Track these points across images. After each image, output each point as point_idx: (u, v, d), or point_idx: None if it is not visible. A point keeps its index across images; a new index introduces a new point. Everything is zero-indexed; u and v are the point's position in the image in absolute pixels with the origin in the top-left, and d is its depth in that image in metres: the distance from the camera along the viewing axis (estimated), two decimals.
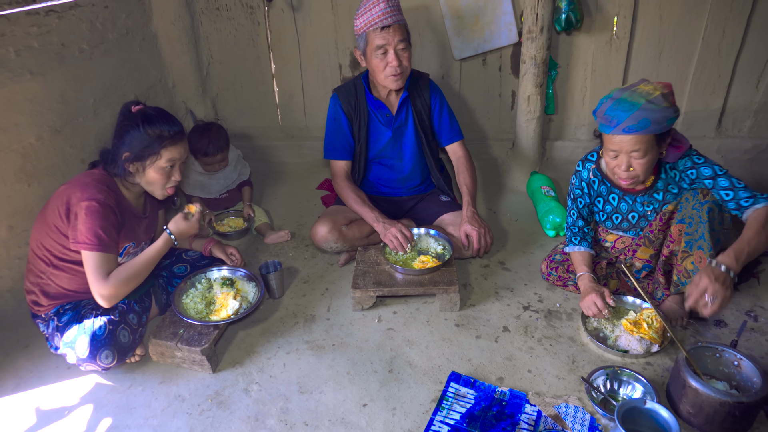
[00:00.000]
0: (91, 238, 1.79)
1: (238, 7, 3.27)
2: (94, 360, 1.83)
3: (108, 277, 1.83)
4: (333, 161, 2.61)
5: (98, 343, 1.83)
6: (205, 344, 1.91)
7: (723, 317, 2.15)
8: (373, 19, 2.25)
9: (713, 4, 2.92)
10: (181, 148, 1.96)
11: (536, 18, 2.85)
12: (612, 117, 1.85)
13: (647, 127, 1.81)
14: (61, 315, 1.93)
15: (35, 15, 2.26)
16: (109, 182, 1.91)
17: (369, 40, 2.30)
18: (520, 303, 2.29)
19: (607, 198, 2.20)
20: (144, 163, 1.89)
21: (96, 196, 1.81)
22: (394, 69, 2.34)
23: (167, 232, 1.98)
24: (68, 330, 1.88)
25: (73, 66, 2.49)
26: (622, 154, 1.91)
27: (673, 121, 1.84)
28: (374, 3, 2.25)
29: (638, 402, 1.56)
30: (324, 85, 3.48)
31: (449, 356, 2.01)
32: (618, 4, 2.98)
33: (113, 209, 1.85)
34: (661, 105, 1.80)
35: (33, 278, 1.95)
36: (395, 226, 2.39)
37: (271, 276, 2.29)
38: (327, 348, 2.07)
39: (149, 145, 1.87)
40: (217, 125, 2.94)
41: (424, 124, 2.61)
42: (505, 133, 3.51)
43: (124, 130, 1.88)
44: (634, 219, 2.17)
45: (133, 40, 2.98)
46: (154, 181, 1.94)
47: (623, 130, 1.83)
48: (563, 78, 3.26)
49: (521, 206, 3.11)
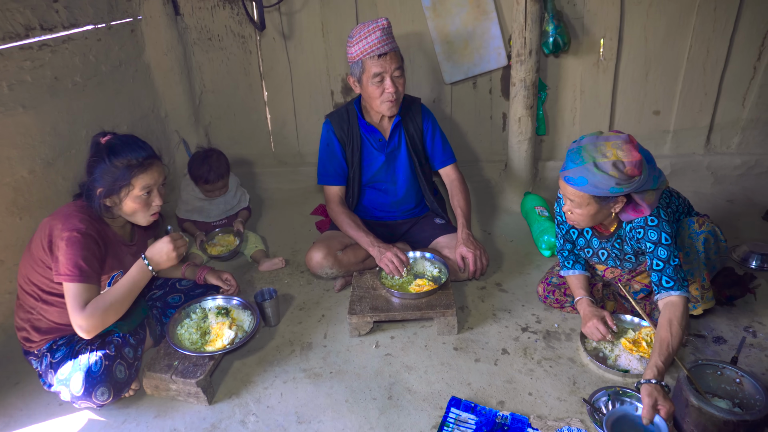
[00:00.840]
0: (71, 269, 1.74)
1: (230, 37, 3.31)
2: (89, 397, 1.79)
3: (85, 307, 1.77)
4: (326, 186, 2.62)
5: (93, 379, 1.79)
6: (200, 376, 1.87)
7: (722, 333, 2.14)
8: (369, 47, 2.28)
9: (697, 25, 2.99)
10: (155, 173, 1.89)
11: (524, 41, 2.90)
12: (565, 161, 1.84)
13: (583, 185, 1.76)
14: (54, 351, 1.89)
15: (28, 49, 2.28)
16: (91, 212, 1.86)
17: (365, 67, 2.33)
18: (519, 324, 2.28)
19: (582, 231, 2.17)
20: (119, 195, 1.83)
21: (77, 226, 1.77)
22: (390, 95, 2.37)
23: (143, 258, 1.89)
24: (62, 366, 1.84)
25: (66, 99, 2.50)
26: (566, 198, 1.90)
27: (617, 191, 1.75)
28: (370, 31, 2.28)
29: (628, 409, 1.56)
30: (316, 111, 3.51)
31: (449, 381, 1.98)
32: (604, 26, 3.05)
33: (95, 239, 1.80)
34: (606, 172, 1.71)
35: (23, 314, 1.91)
36: (390, 251, 2.38)
37: (267, 304, 2.27)
38: (324, 376, 2.04)
39: (119, 177, 1.80)
40: (217, 152, 2.96)
41: (417, 148, 2.63)
42: (497, 154, 3.54)
43: (94, 164, 1.82)
44: (604, 256, 2.13)
45: (126, 71, 3.00)
46: (134, 210, 1.88)
47: (564, 178, 1.83)
48: (553, 99, 3.30)
49: (516, 227, 3.12)
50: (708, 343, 2.10)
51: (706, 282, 1.90)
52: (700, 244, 1.90)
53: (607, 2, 2.99)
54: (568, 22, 3.03)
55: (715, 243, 1.93)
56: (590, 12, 3.02)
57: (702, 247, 1.89)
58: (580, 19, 3.05)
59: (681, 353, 2.05)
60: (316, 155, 3.57)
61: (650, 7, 2.98)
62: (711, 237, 1.92)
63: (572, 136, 3.40)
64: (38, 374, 1.95)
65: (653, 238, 1.87)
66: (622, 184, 1.72)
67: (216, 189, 2.92)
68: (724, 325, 2.19)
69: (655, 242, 1.86)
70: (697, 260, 1.90)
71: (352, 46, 2.34)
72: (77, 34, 2.59)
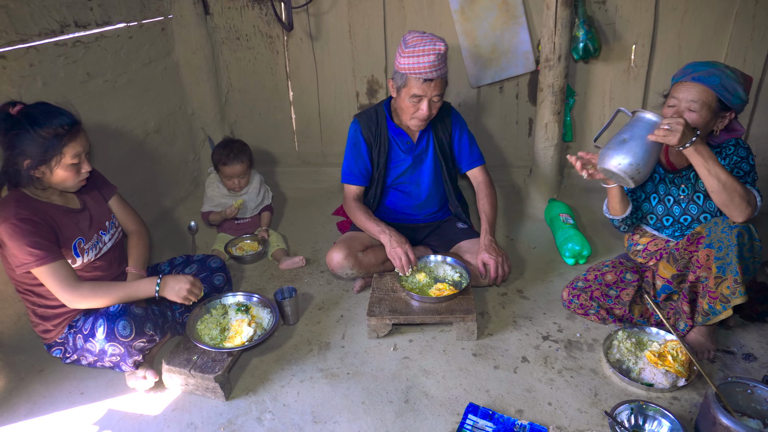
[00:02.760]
0: (26, 257, 1.75)
1: (258, 37, 3.34)
2: (113, 335, 1.81)
3: (79, 284, 1.82)
4: (347, 185, 2.61)
5: (112, 316, 1.83)
6: (218, 371, 1.88)
7: (752, 350, 2.07)
8: (419, 68, 2.22)
9: (733, 33, 2.91)
10: (83, 139, 1.84)
11: (554, 47, 2.86)
12: (687, 68, 1.96)
13: (715, 84, 1.86)
14: (74, 325, 1.95)
15: (62, 46, 2.33)
16: (17, 197, 1.80)
17: (408, 84, 2.29)
18: (539, 332, 2.24)
19: (651, 174, 2.19)
20: (49, 165, 1.77)
21: (5, 217, 1.74)
22: (422, 116, 2.36)
23: (158, 279, 1.94)
24: (85, 327, 1.89)
25: (97, 95, 2.55)
26: (680, 103, 1.92)
27: (738, 102, 1.89)
28: (424, 52, 2.21)
29: None
30: (341, 112, 3.51)
31: (467, 387, 1.95)
32: (636, 32, 2.99)
33: (30, 220, 1.76)
34: (736, 77, 1.88)
35: (31, 311, 1.96)
36: (402, 246, 2.34)
37: (286, 302, 2.28)
38: (341, 376, 2.03)
39: (49, 147, 1.74)
40: (242, 142, 3.04)
41: (444, 152, 2.61)
42: (522, 159, 3.50)
43: (14, 138, 1.73)
44: (670, 202, 2.15)
45: (155, 69, 3.05)
46: (64, 179, 1.83)
47: (692, 78, 1.90)
48: (581, 105, 3.25)
49: (539, 233, 3.07)
50: (737, 359, 2.03)
51: (739, 276, 1.82)
52: (733, 237, 1.83)
53: (641, 8, 2.93)
54: (599, 28, 2.97)
55: (749, 240, 1.85)
56: (622, 18, 2.97)
57: (736, 241, 1.82)
58: (612, 24, 2.99)
59: (709, 369, 1.99)
60: (339, 156, 3.59)
61: (685, 14, 2.91)
62: (745, 233, 1.84)
63: None
64: (63, 358, 2.00)
65: (742, 155, 1.99)
66: (743, 94, 1.89)
67: (234, 175, 2.95)
68: (754, 341, 2.12)
69: (743, 157, 1.98)
70: (731, 254, 1.84)
71: (403, 56, 2.26)
72: (110, 31, 2.64)
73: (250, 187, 3.06)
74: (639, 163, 1.78)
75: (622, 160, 1.79)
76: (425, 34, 2.27)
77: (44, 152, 1.74)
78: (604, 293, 2.25)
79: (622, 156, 1.79)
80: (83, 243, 1.95)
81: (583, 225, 3.09)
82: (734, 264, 1.84)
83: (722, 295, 1.90)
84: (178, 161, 3.36)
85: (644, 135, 1.78)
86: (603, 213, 2.31)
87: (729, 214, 1.87)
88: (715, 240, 1.91)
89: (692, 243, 2.02)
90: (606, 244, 2.91)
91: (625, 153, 1.79)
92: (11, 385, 1.99)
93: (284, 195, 3.66)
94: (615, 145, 1.83)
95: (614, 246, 2.88)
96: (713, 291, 1.92)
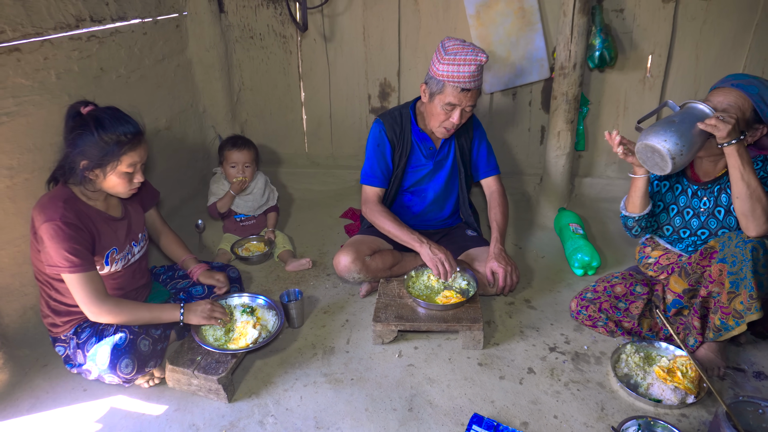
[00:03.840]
0: (61, 261, 1.75)
1: (272, 36, 3.33)
2: (114, 370, 1.81)
3: (106, 300, 1.82)
4: (367, 186, 2.55)
5: (118, 351, 1.82)
6: (222, 373, 1.87)
7: (763, 369, 2.03)
8: (458, 77, 2.19)
9: (753, 44, 2.87)
10: (142, 150, 1.87)
11: (569, 54, 2.83)
12: (728, 77, 1.96)
13: (753, 93, 1.85)
14: (80, 333, 1.93)
15: (77, 40, 2.33)
16: (66, 196, 1.82)
17: (444, 91, 2.25)
18: (546, 344, 2.21)
19: (673, 184, 2.18)
20: (104, 169, 1.80)
21: (51, 216, 1.75)
22: (452, 125, 2.34)
23: (182, 309, 1.97)
24: (89, 344, 1.88)
25: (110, 90, 2.55)
26: (716, 107, 1.90)
27: None
28: (466, 61, 2.17)
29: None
30: (352, 114, 3.50)
31: (471, 397, 1.93)
32: (653, 42, 2.96)
33: (76, 225, 1.78)
34: None
35: (44, 301, 1.96)
36: (444, 252, 2.31)
37: (292, 305, 2.26)
38: (345, 382, 2.01)
39: (108, 153, 1.77)
40: (248, 138, 3.07)
41: (465, 158, 2.60)
42: (533, 167, 3.47)
43: (78, 137, 1.77)
44: (688, 215, 2.12)
45: (168, 65, 3.06)
46: (116, 185, 1.86)
47: (731, 84, 1.90)
48: (594, 115, 3.22)
49: (548, 243, 3.04)
50: (748, 377, 2.00)
51: (754, 291, 1.79)
52: (747, 252, 1.80)
53: (659, 18, 2.90)
54: (616, 36, 2.95)
55: (764, 255, 1.82)
56: (640, 27, 2.94)
57: (750, 255, 1.80)
58: (629, 33, 2.96)
59: (719, 387, 1.95)
60: (349, 158, 3.60)
61: (704, 24, 2.88)
62: (760, 247, 1.82)
63: (612, 154, 3.30)
64: (64, 359, 1.98)
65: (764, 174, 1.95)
66: None
67: (242, 162, 2.93)
68: (766, 360, 2.09)
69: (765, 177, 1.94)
70: (745, 269, 1.81)
71: (441, 62, 2.23)
72: (125, 27, 2.64)
73: (256, 186, 3.05)
74: (684, 145, 1.78)
75: (670, 137, 1.78)
76: (466, 43, 2.24)
77: (102, 156, 1.78)
78: (613, 305, 2.22)
79: (670, 134, 1.79)
80: (116, 253, 1.96)
81: (593, 235, 3.06)
82: (749, 279, 1.81)
83: (735, 311, 1.87)
84: (188, 158, 3.36)
85: (694, 122, 1.79)
86: (614, 223, 2.28)
87: (745, 226, 1.83)
88: (728, 255, 1.88)
89: (705, 257, 1.98)
90: (616, 256, 2.87)
91: (673, 131, 1.79)
92: (15, 380, 1.99)
93: (292, 196, 3.65)
94: (664, 123, 1.83)
95: (624, 258, 2.85)
96: (726, 306, 1.89)
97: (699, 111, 1.82)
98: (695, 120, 1.79)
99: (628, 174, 2.11)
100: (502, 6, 2.98)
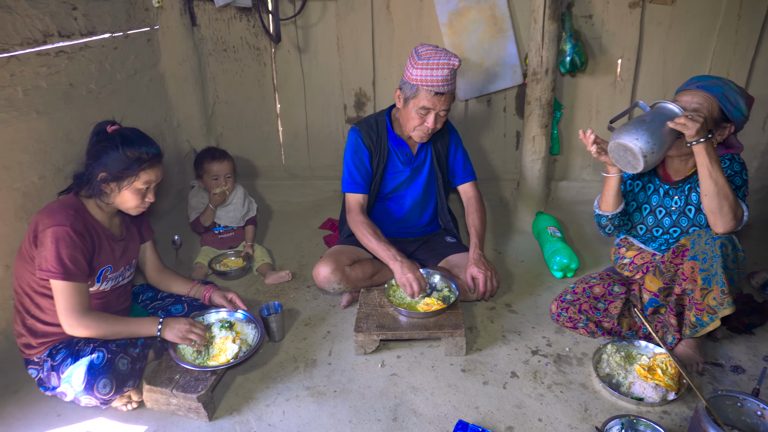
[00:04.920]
0: (56, 266, 1.73)
1: (246, 49, 3.32)
2: (91, 391, 1.76)
3: (86, 313, 1.79)
4: (349, 195, 2.54)
5: (95, 371, 1.77)
6: (201, 390, 1.83)
7: (741, 362, 2.06)
8: (432, 81, 2.22)
9: (717, 48, 2.95)
10: (158, 171, 1.95)
11: (541, 60, 2.87)
12: (693, 79, 2.02)
13: (718, 93, 1.91)
14: (54, 355, 1.87)
15: (45, 56, 2.28)
16: (77, 206, 1.86)
17: (418, 95, 2.28)
18: (528, 347, 2.22)
19: (645, 184, 2.21)
20: (121, 183, 1.86)
21: (63, 221, 1.76)
22: (427, 129, 2.36)
23: (160, 320, 1.94)
24: (64, 366, 1.82)
25: (80, 105, 2.51)
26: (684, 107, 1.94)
27: (739, 115, 1.94)
28: (438, 66, 2.21)
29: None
30: (328, 125, 3.50)
31: (456, 404, 1.92)
32: (622, 47, 3.02)
33: (82, 234, 1.80)
34: (739, 91, 1.94)
35: (20, 319, 1.90)
36: (414, 273, 2.28)
37: (272, 318, 2.23)
38: (328, 394, 1.99)
39: (128, 167, 1.84)
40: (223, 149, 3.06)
41: (441, 165, 2.61)
42: (509, 173, 3.50)
43: (102, 150, 1.84)
44: (661, 214, 2.16)
45: (140, 80, 3.02)
46: (129, 200, 1.90)
47: (697, 86, 1.96)
48: (568, 119, 3.27)
49: (527, 247, 3.06)
50: (726, 372, 2.03)
51: (725, 287, 1.83)
52: (717, 248, 1.84)
53: (627, 23, 2.96)
54: (586, 42, 3.00)
55: (733, 251, 1.86)
56: (608, 32, 3.00)
57: (719, 252, 1.84)
58: (598, 38, 3.02)
59: (698, 382, 1.98)
60: (326, 169, 3.59)
61: (670, 29, 2.95)
62: (728, 243, 1.86)
63: (587, 157, 3.35)
64: (38, 381, 1.92)
65: (736, 169, 2.00)
66: (744, 108, 1.93)
67: (222, 173, 2.91)
68: (742, 354, 2.12)
69: (737, 172, 1.99)
70: (715, 265, 1.85)
71: (415, 67, 2.25)
72: (94, 41, 2.60)
73: (235, 197, 3.02)
74: (656, 143, 1.82)
75: (641, 136, 1.82)
76: (438, 48, 2.28)
77: (122, 170, 1.84)
78: (593, 306, 2.24)
79: (641, 132, 1.82)
80: (109, 272, 1.96)
81: (570, 238, 3.09)
82: (720, 275, 1.85)
83: (709, 307, 1.90)
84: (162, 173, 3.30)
85: (664, 121, 1.83)
86: (590, 225, 2.31)
87: (713, 222, 1.87)
88: (699, 252, 1.91)
89: (677, 256, 2.02)
90: (593, 257, 2.91)
91: (644, 130, 1.83)
92: None
93: (270, 208, 3.62)
94: (635, 122, 1.87)
95: (601, 259, 2.88)
96: (700, 303, 1.93)
97: (669, 110, 1.86)
98: (665, 119, 1.83)
99: (602, 173, 2.15)
100: (474, 14, 3.01)
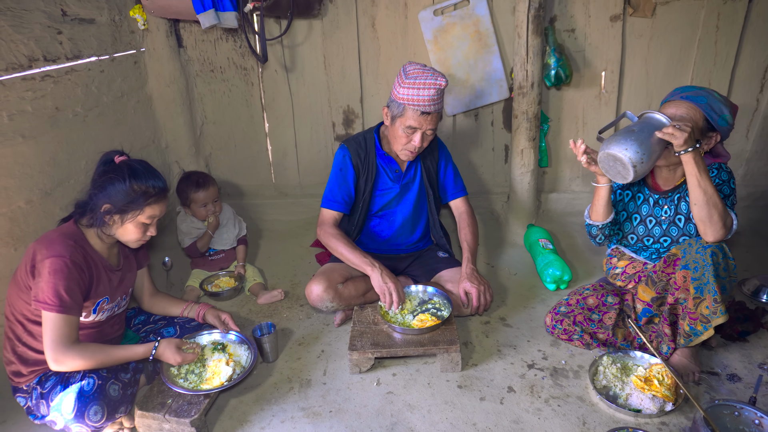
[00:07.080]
0: (52, 298, 1.69)
1: (233, 69, 3.32)
2: (82, 418, 1.70)
3: (72, 346, 1.73)
4: (325, 210, 2.53)
5: (86, 398, 1.72)
6: (194, 415, 1.80)
7: (736, 371, 2.07)
8: (418, 101, 2.23)
9: (698, 59, 3.00)
10: (163, 206, 1.92)
11: (526, 74, 2.90)
12: (676, 90, 2.05)
13: (702, 103, 1.94)
14: (44, 382, 1.83)
15: (30, 80, 2.27)
16: (76, 236, 1.83)
17: (405, 114, 2.29)
18: (524, 361, 2.20)
19: (635, 194, 2.23)
20: (124, 216, 1.83)
21: (61, 252, 1.72)
22: (414, 148, 2.37)
23: (155, 345, 1.91)
24: (54, 393, 1.77)
25: (67, 129, 2.49)
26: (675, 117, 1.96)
27: (724, 124, 1.96)
28: (426, 85, 2.22)
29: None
30: (317, 143, 3.50)
31: (453, 421, 1.90)
32: (605, 59, 3.07)
33: (80, 266, 1.76)
34: (722, 100, 1.96)
35: (10, 346, 1.85)
36: (394, 282, 2.30)
37: (265, 339, 2.20)
38: (324, 415, 1.96)
39: (134, 201, 1.82)
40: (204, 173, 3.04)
41: (432, 180, 2.62)
42: (499, 186, 3.52)
43: (108, 181, 1.82)
44: (651, 224, 2.17)
45: (127, 102, 3.01)
46: (130, 234, 1.88)
47: (681, 97, 1.99)
48: (555, 131, 3.30)
49: (519, 260, 3.07)
50: (722, 380, 2.03)
51: (718, 295, 1.84)
52: (708, 257, 1.85)
53: (609, 36, 3.01)
54: (570, 55, 3.04)
55: (723, 259, 1.87)
56: (591, 45, 3.04)
57: (710, 260, 1.85)
58: (582, 52, 3.06)
59: (695, 392, 1.97)
60: (316, 187, 3.58)
61: (651, 41, 3.00)
62: (719, 252, 1.87)
63: (575, 168, 3.38)
64: (26, 409, 1.87)
65: (724, 178, 2.03)
66: (729, 117, 1.96)
67: (210, 200, 2.90)
68: (737, 362, 2.12)
69: (725, 181, 2.02)
70: (707, 274, 1.86)
71: (402, 86, 2.26)
72: (80, 65, 2.59)
73: (224, 218, 3.00)
74: (645, 153, 1.83)
75: (630, 146, 1.84)
76: (426, 68, 2.29)
77: (127, 203, 1.81)
78: (587, 317, 2.24)
79: (630, 143, 1.84)
80: (106, 303, 1.92)
81: (562, 250, 3.10)
82: (712, 284, 1.85)
83: (702, 316, 1.90)
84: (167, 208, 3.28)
85: (652, 131, 1.85)
86: (582, 236, 2.32)
87: (703, 231, 1.88)
88: (690, 261, 1.92)
89: (669, 265, 2.03)
90: (586, 268, 2.91)
91: (633, 140, 1.84)
92: None
93: (261, 228, 3.60)
94: (624, 133, 1.88)
95: (594, 270, 2.89)
96: (693, 312, 1.93)
97: (656, 120, 1.89)
98: (653, 129, 1.85)
99: (592, 183, 2.16)
100: (459, 30, 3.05)
